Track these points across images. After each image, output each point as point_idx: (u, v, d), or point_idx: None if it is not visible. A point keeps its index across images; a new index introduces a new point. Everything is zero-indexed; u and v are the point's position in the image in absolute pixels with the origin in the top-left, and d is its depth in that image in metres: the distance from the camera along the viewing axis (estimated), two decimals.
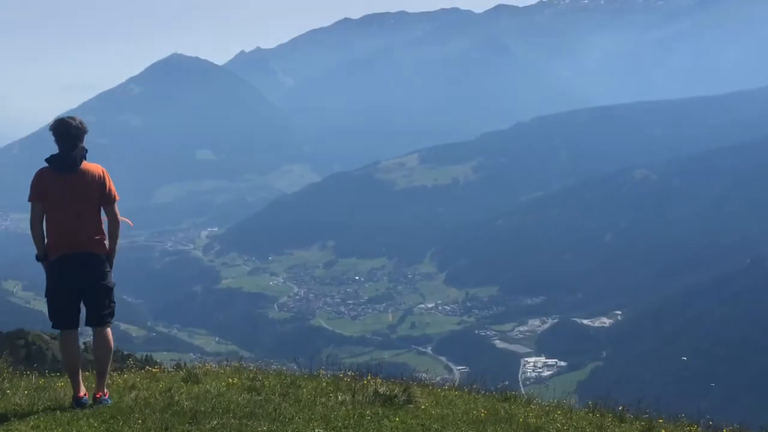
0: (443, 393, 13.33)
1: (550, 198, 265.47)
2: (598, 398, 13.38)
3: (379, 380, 11.95)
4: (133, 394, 9.82)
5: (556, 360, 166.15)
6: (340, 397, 9.99)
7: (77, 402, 9.21)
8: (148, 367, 14.31)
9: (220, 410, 8.42)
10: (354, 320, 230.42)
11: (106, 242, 9.71)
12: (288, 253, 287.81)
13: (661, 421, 12.54)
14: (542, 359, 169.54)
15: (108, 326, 9.68)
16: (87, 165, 9.54)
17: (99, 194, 9.53)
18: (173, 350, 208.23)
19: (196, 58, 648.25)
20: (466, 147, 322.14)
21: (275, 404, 9.06)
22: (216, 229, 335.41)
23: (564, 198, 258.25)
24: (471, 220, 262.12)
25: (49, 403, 9.40)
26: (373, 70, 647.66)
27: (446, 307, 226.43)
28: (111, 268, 9.78)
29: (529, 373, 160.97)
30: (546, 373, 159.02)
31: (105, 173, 9.49)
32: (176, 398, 9.12)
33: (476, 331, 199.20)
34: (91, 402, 9.28)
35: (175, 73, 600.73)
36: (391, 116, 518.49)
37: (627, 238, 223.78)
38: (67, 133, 9.39)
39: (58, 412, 8.76)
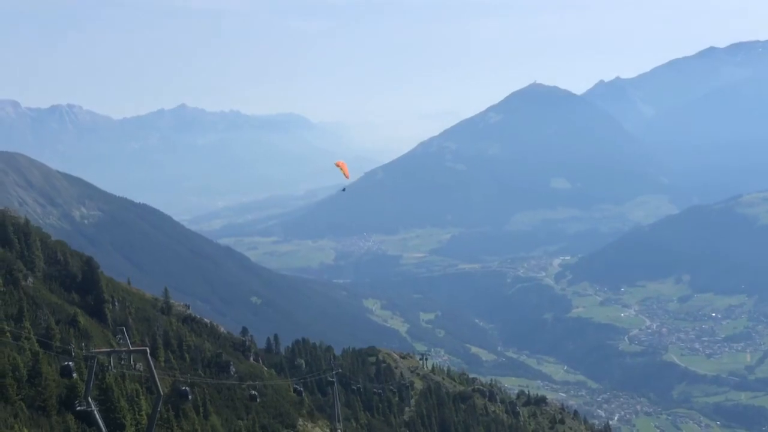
0: None
1: None
2: None
3: None
4: None
5: None
6: None
7: None
8: None
9: None
10: (709, 358, 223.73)
11: None
12: (641, 285, 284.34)
13: None
14: None
15: None
16: None
17: None
18: (521, 376, 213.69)
19: (555, 88, 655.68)
20: None
21: None
22: (569, 257, 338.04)
23: None
24: None
25: None
26: (738, 100, 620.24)
27: None
28: None
29: None
30: None
31: None
32: None
33: None
34: None
35: (533, 102, 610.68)
36: (756, 148, 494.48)
37: None
38: None
39: None
